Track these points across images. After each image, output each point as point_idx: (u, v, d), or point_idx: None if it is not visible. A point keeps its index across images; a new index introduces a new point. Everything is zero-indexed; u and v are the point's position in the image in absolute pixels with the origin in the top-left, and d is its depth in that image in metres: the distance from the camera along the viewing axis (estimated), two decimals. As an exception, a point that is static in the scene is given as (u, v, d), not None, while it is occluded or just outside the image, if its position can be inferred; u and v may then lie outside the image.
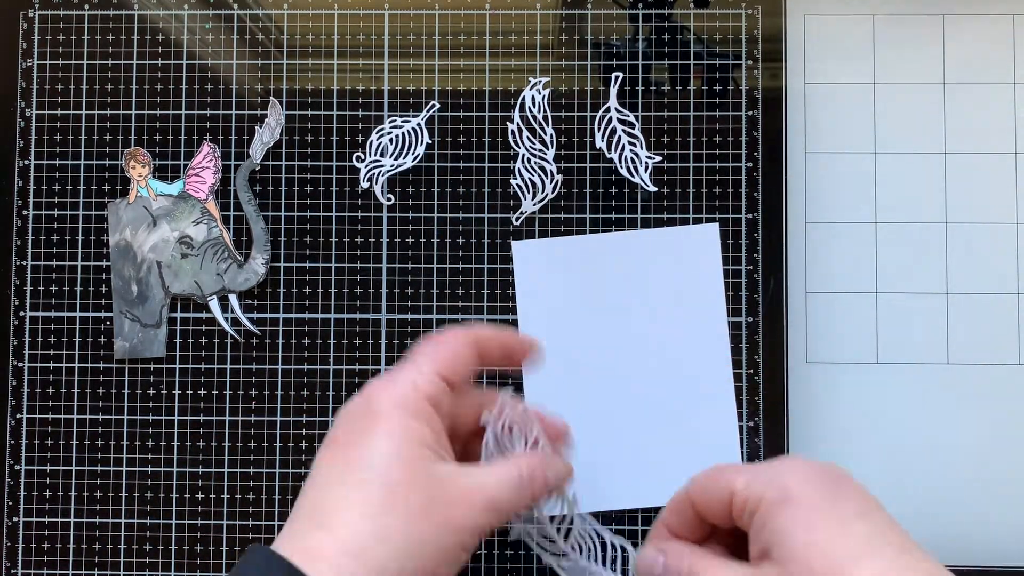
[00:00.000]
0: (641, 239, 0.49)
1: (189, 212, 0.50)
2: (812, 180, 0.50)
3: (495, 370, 0.47)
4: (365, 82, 0.51)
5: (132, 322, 0.49)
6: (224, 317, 0.49)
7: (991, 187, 0.50)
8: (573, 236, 0.49)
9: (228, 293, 0.49)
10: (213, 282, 0.49)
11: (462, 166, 0.50)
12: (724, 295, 0.49)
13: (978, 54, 0.50)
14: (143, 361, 0.50)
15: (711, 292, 0.49)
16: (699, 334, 0.48)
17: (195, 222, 0.50)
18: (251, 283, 0.49)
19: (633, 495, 0.48)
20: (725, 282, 0.49)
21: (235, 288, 0.49)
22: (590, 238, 0.49)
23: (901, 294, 0.50)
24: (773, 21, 0.50)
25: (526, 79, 0.50)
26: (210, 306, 0.49)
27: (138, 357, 0.50)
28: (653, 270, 0.49)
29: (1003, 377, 0.49)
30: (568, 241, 0.49)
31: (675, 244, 0.49)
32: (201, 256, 0.49)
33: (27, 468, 0.50)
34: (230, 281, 0.49)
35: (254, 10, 0.51)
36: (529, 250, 0.49)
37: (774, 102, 0.50)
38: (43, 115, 0.51)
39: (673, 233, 0.49)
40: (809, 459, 0.36)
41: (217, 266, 0.49)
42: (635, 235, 0.49)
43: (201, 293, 0.49)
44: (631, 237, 0.49)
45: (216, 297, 0.49)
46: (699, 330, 0.48)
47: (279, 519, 0.49)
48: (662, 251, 0.49)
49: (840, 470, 0.36)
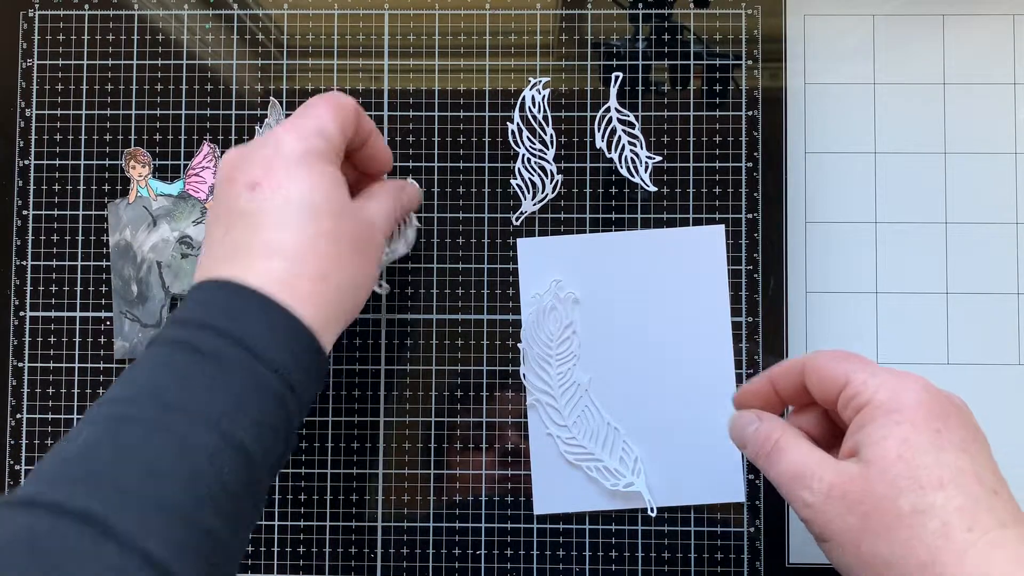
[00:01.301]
0: (646, 239, 0.49)
1: (189, 212, 0.50)
2: (812, 180, 0.50)
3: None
4: (365, 82, 0.51)
5: (132, 322, 0.49)
6: None
7: (991, 187, 0.50)
8: (578, 235, 0.49)
9: None
10: None
11: (462, 166, 0.50)
12: (728, 297, 0.49)
13: (978, 54, 0.50)
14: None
15: (715, 293, 0.49)
16: (702, 335, 0.48)
17: (195, 222, 0.50)
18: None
19: (630, 494, 0.48)
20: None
21: None
22: (595, 237, 0.49)
23: (901, 294, 0.50)
24: (773, 21, 0.50)
25: (526, 79, 0.50)
26: None
27: (137, 357, 0.49)
28: (657, 270, 0.49)
29: (1003, 377, 0.49)
30: (573, 240, 0.49)
31: (680, 245, 0.49)
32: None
33: (27, 468, 0.50)
34: None
35: (254, 10, 0.51)
36: (534, 247, 0.49)
37: (774, 102, 0.50)
38: (43, 115, 0.51)
39: (678, 234, 0.49)
40: (932, 384, 0.37)
41: None
42: (640, 235, 0.49)
43: None
44: (636, 237, 0.49)
45: None
46: (702, 331, 0.48)
47: (278, 519, 0.49)
48: (667, 251, 0.49)
49: (959, 403, 0.36)
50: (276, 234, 0.36)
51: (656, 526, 0.48)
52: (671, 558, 0.48)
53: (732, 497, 0.48)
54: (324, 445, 0.49)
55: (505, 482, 0.49)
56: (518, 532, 0.49)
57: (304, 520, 0.49)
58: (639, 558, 0.48)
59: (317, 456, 0.49)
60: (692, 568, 0.48)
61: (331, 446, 0.49)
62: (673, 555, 0.48)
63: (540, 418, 0.48)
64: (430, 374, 0.49)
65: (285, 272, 0.36)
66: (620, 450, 0.48)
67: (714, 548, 0.48)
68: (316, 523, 0.49)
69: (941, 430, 0.35)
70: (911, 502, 0.33)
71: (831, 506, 0.35)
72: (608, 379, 0.48)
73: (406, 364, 0.49)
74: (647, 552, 0.48)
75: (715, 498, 0.48)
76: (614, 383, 0.48)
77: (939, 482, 0.33)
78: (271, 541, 0.49)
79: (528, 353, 0.49)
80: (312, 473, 0.49)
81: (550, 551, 0.48)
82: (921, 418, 0.35)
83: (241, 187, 0.37)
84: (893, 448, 0.34)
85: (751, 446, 0.39)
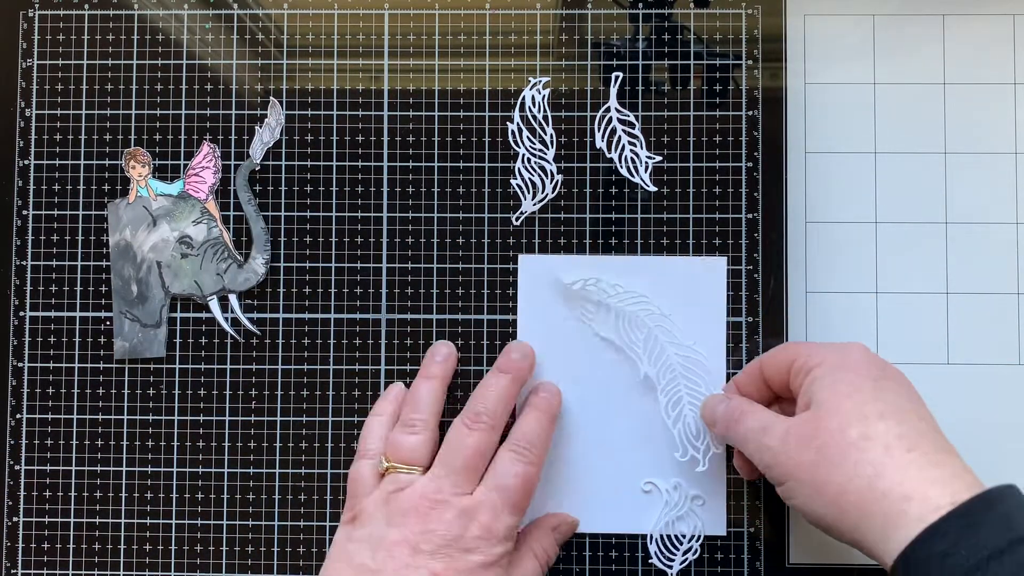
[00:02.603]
0: (647, 265, 0.49)
1: (189, 212, 0.50)
2: (812, 180, 0.50)
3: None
4: (365, 82, 0.51)
5: (132, 322, 0.49)
6: (224, 317, 0.49)
7: (991, 187, 0.50)
8: (578, 256, 0.49)
9: (228, 293, 0.49)
10: (213, 282, 0.49)
11: (462, 166, 0.50)
12: (725, 330, 0.48)
13: (978, 54, 0.50)
14: (143, 361, 0.50)
15: (712, 324, 0.48)
16: (696, 363, 0.48)
17: (195, 222, 0.50)
18: (251, 283, 0.49)
19: (620, 519, 0.48)
20: (726, 282, 0.49)
21: (235, 288, 0.49)
22: (596, 259, 0.49)
23: (901, 294, 0.50)
24: (773, 21, 0.50)
25: (526, 79, 0.50)
26: (210, 306, 0.49)
27: (138, 357, 0.50)
28: (656, 297, 0.48)
29: (1003, 377, 0.49)
30: (574, 260, 0.49)
31: (680, 273, 0.49)
32: (201, 256, 0.49)
33: (27, 468, 0.50)
34: (230, 281, 0.49)
35: (254, 10, 0.51)
36: (535, 264, 0.49)
37: (774, 102, 0.50)
38: (43, 115, 0.51)
39: (680, 263, 0.49)
40: (868, 349, 0.42)
41: (217, 266, 0.49)
42: (641, 260, 0.49)
43: (201, 293, 0.49)
44: (637, 262, 0.49)
45: (216, 297, 0.49)
46: (696, 359, 0.48)
47: (279, 519, 0.49)
48: (667, 278, 0.49)
49: (897, 369, 0.42)
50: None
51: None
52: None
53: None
54: (324, 445, 0.49)
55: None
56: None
57: (304, 520, 0.49)
58: (639, 558, 0.48)
59: (317, 456, 0.49)
60: (692, 568, 0.48)
61: (331, 446, 0.49)
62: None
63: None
64: (430, 374, 0.49)
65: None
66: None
67: (714, 548, 0.48)
68: (316, 523, 0.49)
69: (881, 379, 0.40)
70: (859, 431, 0.38)
71: (789, 445, 0.40)
72: (597, 403, 0.48)
73: (406, 364, 0.49)
74: (647, 552, 0.48)
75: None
76: (602, 407, 0.48)
77: (881, 414, 0.38)
78: (271, 541, 0.49)
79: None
80: (312, 473, 0.49)
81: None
82: (864, 368, 0.40)
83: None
84: (842, 390, 0.39)
85: (720, 420, 0.44)
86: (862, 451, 0.37)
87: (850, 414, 0.39)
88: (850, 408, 0.39)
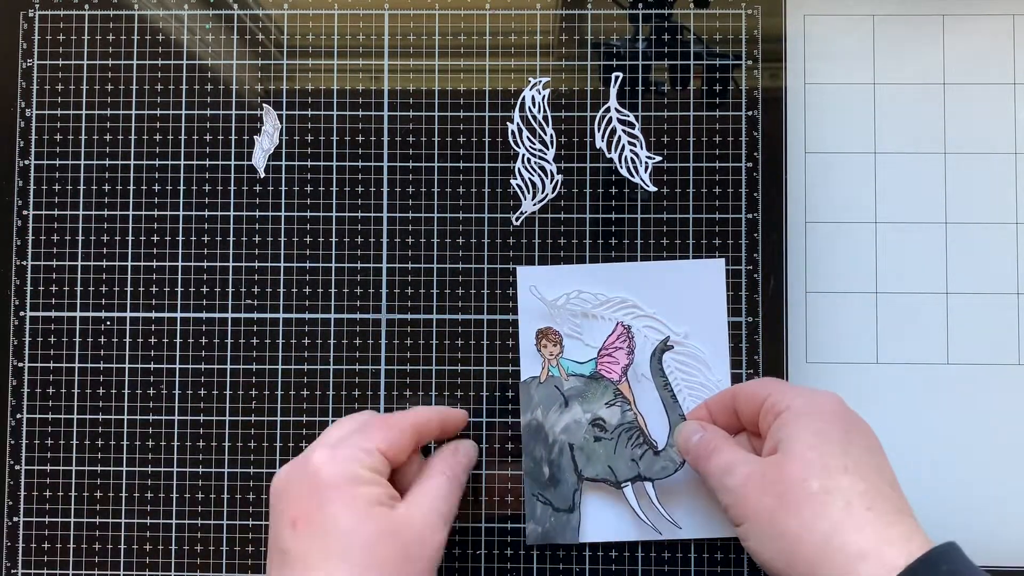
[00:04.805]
0: (645, 271, 0.49)
1: (602, 394, 0.48)
2: (812, 180, 0.50)
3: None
4: (365, 82, 0.51)
5: (544, 505, 0.47)
6: (637, 504, 0.47)
7: (991, 187, 0.50)
8: (576, 265, 0.49)
9: (643, 481, 0.47)
10: (627, 468, 0.47)
11: (462, 166, 0.50)
12: (727, 331, 0.48)
13: (978, 54, 0.50)
14: (143, 361, 0.50)
15: (713, 327, 0.48)
16: (698, 367, 0.48)
17: (608, 404, 0.48)
18: (667, 472, 0.47)
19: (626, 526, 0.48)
20: (726, 282, 0.49)
21: (651, 476, 0.47)
22: (595, 267, 0.49)
23: (901, 294, 0.50)
24: (773, 21, 0.50)
25: (526, 79, 0.50)
26: (624, 493, 0.47)
27: (550, 542, 0.48)
28: (656, 302, 0.48)
29: (1003, 377, 0.49)
30: (572, 269, 0.49)
31: (679, 277, 0.49)
32: (615, 440, 0.47)
33: (27, 468, 0.50)
34: (645, 468, 0.47)
35: (254, 10, 0.51)
36: (533, 275, 0.49)
37: (774, 102, 0.50)
38: (43, 115, 0.51)
39: (678, 267, 0.49)
40: (844, 401, 0.42)
41: (632, 451, 0.47)
42: (640, 267, 0.49)
43: (615, 479, 0.47)
44: (636, 269, 0.49)
45: (631, 484, 0.47)
46: (698, 362, 0.48)
47: (279, 519, 0.49)
48: (666, 283, 0.49)
49: (865, 422, 0.42)
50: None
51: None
52: (671, 558, 0.48)
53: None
54: (324, 445, 0.49)
55: (505, 481, 0.49)
56: (518, 532, 0.49)
57: (304, 520, 0.49)
58: (639, 558, 0.48)
59: (317, 456, 0.49)
60: (692, 568, 0.48)
61: (331, 446, 0.49)
62: (673, 555, 0.48)
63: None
64: (430, 374, 0.49)
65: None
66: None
67: (714, 548, 0.48)
68: (316, 523, 0.49)
69: (850, 431, 0.40)
70: (820, 483, 0.38)
71: (750, 489, 0.40)
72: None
73: (406, 364, 0.49)
74: (647, 552, 0.48)
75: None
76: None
77: (845, 469, 0.38)
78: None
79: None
80: (312, 473, 0.49)
81: (550, 549, 0.48)
82: (833, 420, 0.40)
83: (284, 524, 0.39)
84: (807, 439, 0.39)
85: (693, 451, 0.44)
86: (822, 504, 0.37)
87: (814, 464, 0.38)
88: (814, 459, 0.38)
